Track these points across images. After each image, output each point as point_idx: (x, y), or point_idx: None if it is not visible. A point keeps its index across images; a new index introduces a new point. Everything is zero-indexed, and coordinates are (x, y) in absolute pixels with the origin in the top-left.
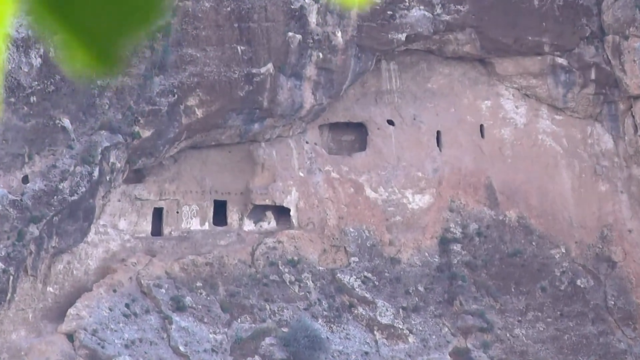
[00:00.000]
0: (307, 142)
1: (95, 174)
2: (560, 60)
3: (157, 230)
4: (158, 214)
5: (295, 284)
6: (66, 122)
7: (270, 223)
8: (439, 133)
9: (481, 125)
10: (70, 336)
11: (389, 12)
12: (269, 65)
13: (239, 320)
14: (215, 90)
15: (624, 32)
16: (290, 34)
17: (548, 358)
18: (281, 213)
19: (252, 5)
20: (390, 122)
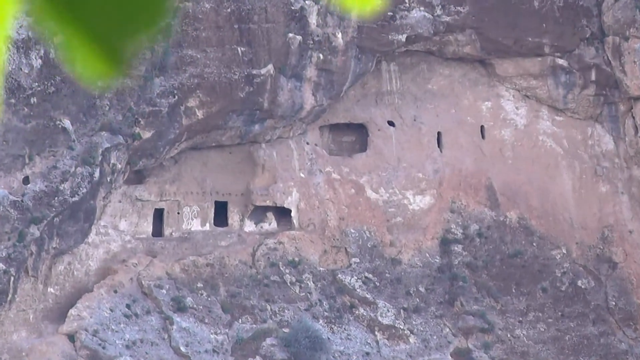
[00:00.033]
0: (308, 143)
1: (96, 175)
2: (561, 62)
3: (158, 231)
4: (159, 214)
5: (296, 285)
6: (67, 123)
7: (271, 224)
8: (439, 134)
9: (482, 126)
10: (71, 337)
11: (389, 13)
12: (269, 66)
13: (240, 320)
14: (215, 91)
15: (624, 33)
16: (290, 35)
17: (549, 358)
18: (282, 214)
19: (253, 7)
20: (390, 123)
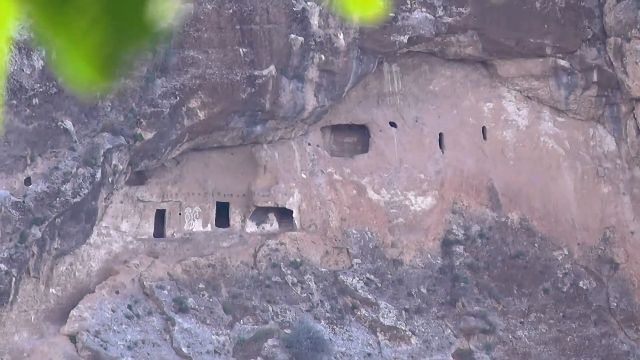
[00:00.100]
0: (309, 144)
1: (98, 175)
2: (562, 63)
3: (160, 232)
4: (160, 215)
5: (297, 286)
6: (68, 124)
7: (272, 225)
8: (441, 135)
9: (483, 127)
10: (72, 337)
11: (390, 14)
12: (271, 67)
13: (242, 321)
14: (217, 92)
15: (626, 34)
16: (292, 36)
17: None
18: (283, 215)
19: (254, 8)
20: (392, 124)
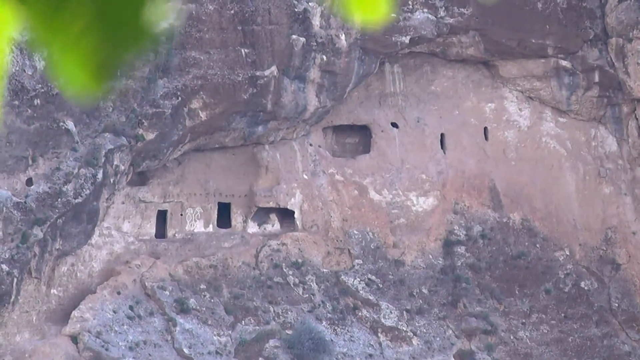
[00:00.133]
0: (311, 145)
1: (99, 176)
2: (564, 63)
3: (161, 232)
4: (162, 216)
5: (299, 286)
6: (70, 125)
7: (274, 225)
8: (442, 136)
9: (485, 128)
10: (74, 338)
11: (392, 15)
12: (272, 68)
13: (243, 322)
14: (219, 92)
15: (628, 35)
16: (294, 36)
17: None
18: (285, 215)
19: (256, 8)
20: (394, 125)
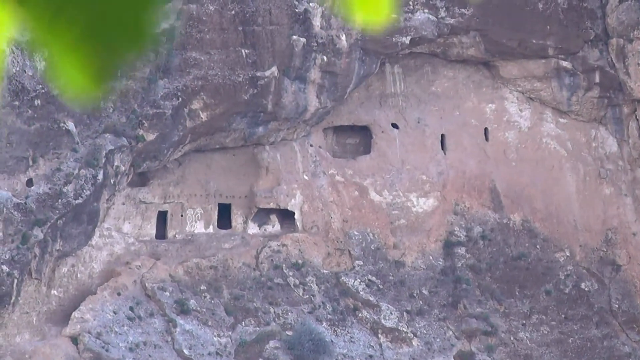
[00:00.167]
0: (312, 146)
1: (100, 177)
2: (565, 64)
3: (162, 233)
4: (162, 217)
5: (299, 287)
6: (70, 126)
7: (274, 226)
8: (443, 136)
9: (485, 129)
10: (74, 339)
11: (393, 16)
12: (273, 68)
13: (243, 323)
14: (219, 93)
15: (628, 35)
16: (294, 37)
17: None
18: (285, 216)
19: (257, 9)
20: (394, 126)
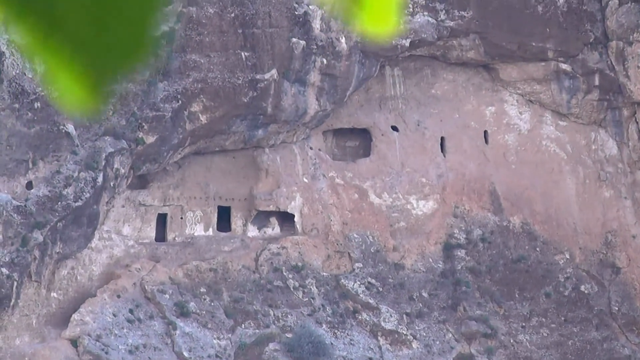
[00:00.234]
0: (311, 148)
1: (99, 179)
2: (564, 66)
3: (161, 236)
4: (162, 219)
5: (299, 290)
6: (70, 128)
7: (274, 229)
8: (443, 139)
9: (485, 131)
10: (74, 342)
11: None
12: (273, 71)
13: (243, 325)
14: (219, 96)
15: (628, 38)
16: (294, 39)
17: None
18: (285, 219)
19: (256, 11)
20: (394, 128)
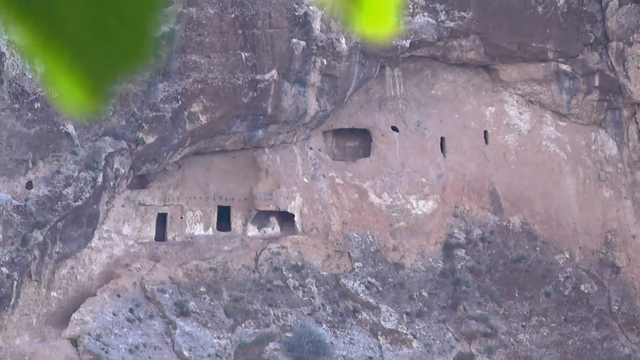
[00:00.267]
0: (311, 148)
1: (99, 179)
2: (564, 67)
3: (161, 235)
4: (162, 219)
5: (299, 289)
6: (70, 128)
7: (274, 229)
8: (443, 139)
9: (485, 132)
10: (74, 341)
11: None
12: (273, 71)
13: (243, 325)
14: (219, 96)
15: (628, 39)
16: (294, 40)
17: None
18: (285, 219)
19: (257, 12)
20: (394, 129)
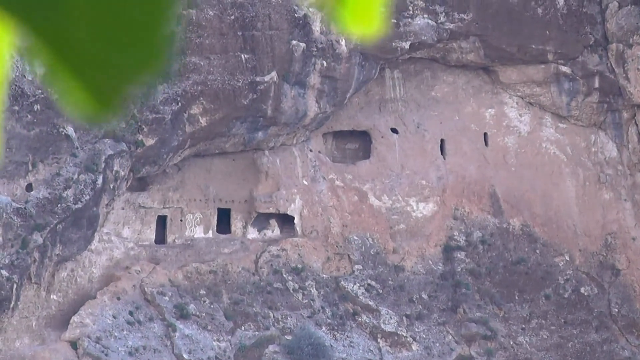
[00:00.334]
0: (311, 151)
1: (99, 182)
2: (564, 69)
3: (161, 238)
4: (162, 222)
5: (298, 292)
6: (70, 131)
7: (274, 231)
8: (442, 141)
9: (485, 134)
10: (73, 344)
11: (393, 21)
12: (272, 73)
13: (243, 328)
14: (219, 98)
15: (628, 41)
16: (294, 42)
17: None
18: (285, 221)
19: (256, 14)
20: (394, 131)
